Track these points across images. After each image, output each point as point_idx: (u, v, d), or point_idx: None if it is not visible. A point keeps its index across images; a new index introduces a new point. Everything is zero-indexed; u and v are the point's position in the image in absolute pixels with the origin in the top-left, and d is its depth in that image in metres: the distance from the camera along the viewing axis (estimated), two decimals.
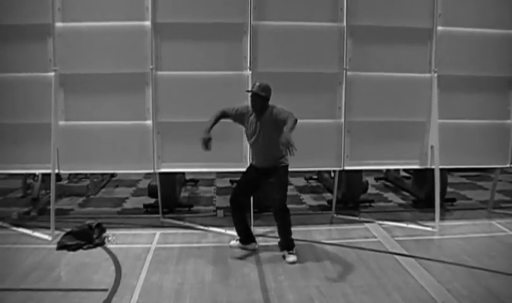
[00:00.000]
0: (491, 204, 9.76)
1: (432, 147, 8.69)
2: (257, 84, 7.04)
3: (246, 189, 7.48)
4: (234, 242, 7.63)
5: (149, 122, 8.33)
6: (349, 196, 10.01)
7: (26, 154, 8.30)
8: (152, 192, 9.76)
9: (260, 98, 6.96)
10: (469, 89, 8.80)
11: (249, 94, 7.10)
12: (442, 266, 6.98)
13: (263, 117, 6.99)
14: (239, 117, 7.22)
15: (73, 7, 8.15)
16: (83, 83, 8.27)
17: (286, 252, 7.16)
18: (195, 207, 10.07)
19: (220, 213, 9.52)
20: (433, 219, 8.66)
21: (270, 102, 7.01)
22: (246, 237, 7.54)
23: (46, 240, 7.96)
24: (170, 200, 9.62)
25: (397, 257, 7.33)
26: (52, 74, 8.12)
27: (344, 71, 8.44)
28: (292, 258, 7.06)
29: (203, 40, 8.29)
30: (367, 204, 10.22)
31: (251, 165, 7.53)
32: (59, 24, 8.09)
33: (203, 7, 8.27)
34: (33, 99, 8.21)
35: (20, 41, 8.09)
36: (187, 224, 8.86)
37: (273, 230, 7.90)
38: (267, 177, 7.12)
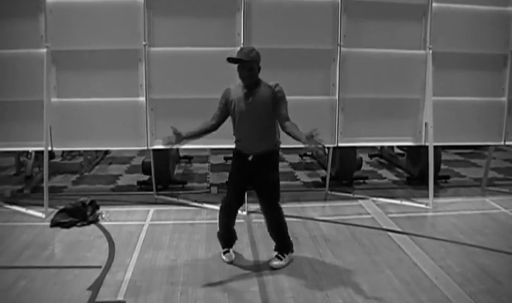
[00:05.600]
0: (485, 182, 9.79)
1: (426, 124, 8.68)
2: (243, 49, 5.99)
3: (239, 192, 6.18)
4: (226, 257, 6.39)
5: (142, 99, 8.27)
6: (343, 173, 10.02)
7: (19, 131, 8.25)
8: (145, 169, 9.75)
9: (252, 64, 5.74)
10: (464, 66, 8.77)
11: (237, 64, 5.80)
12: (436, 243, 7.00)
13: (257, 91, 5.84)
14: (225, 109, 6.00)
15: None
16: (75, 59, 8.19)
17: (273, 254, 6.30)
18: (188, 184, 10.07)
19: (214, 189, 9.54)
20: (426, 197, 8.67)
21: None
22: (230, 240, 6.48)
23: (39, 217, 7.94)
24: (164, 177, 9.61)
25: (390, 234, 7.35)
26: (44, 50, 8.04)
27: (338, 48, 8.39)
28: (276, 263, 6.17)
29: (197, 16, 8.20)
30: (361, 180, 10.23)
31: (238, 153, 6.13)
32: (50, 0, 7.99)
33: None
34: (25, 76, 8.13)
35: (11, 18, 7.98)
36: (181, 201, 8.86)
37: None
38: (259, 167, 5.94)
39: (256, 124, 5.88)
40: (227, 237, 6.43)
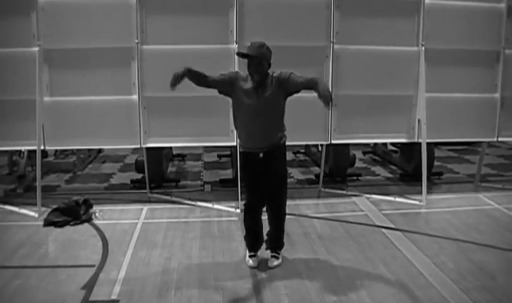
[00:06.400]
0: (478, 178, 9.81)
1: (419, 121, 8.69)
2: (253, 44, 5.77)
3: (258, 191, 6.01)
4: (252, 261, 6.17)
5: (135, 97, 8.25)
6: (337, 170, 10.02)
7: (11, 131, 8.22)
8: (139, 167, 9.74)
9: (259, 60, 5.66)
10: (457, 62, 8.78)
11: (247, 59, 5.72)
12: (429, 240, 7.01)
13: (266, 87, 5.71)
14: (227, 85, 5.82)
15: None
16: (67, 58, 8.15)
17: (270, 253, 6.25)
18: (182, 182, 10.06)
19: (207, 187, 9.54)
20: (420, 193, 8.69)
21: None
22: (256, 244, 6.29)
23: (33, 217, 7.92)
24: (157, 175, 9.59)
25: (384, 230, 7.35)
26: (36, 49, 8.01)
27: (331, 44, 8.39)
28: (276, 262, 6.15)
29: (189, 14, 8.18)
30: (355, 177, 10.25)
31: (245, 154, 6.01)
32: None
33: None
34: (17, 75, 8.09)
35: (3, 16, 7.94)
36: (174, 199, 8.84)
37: None
38: (267, 163, 5.84)
39: (264, 121, 5.75)
40: (253, 240, 6.25)
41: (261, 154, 5.83)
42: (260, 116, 5.71)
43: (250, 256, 6.21)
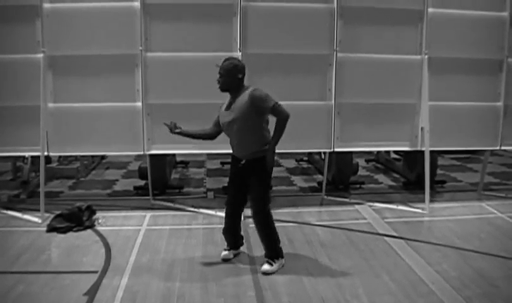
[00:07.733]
0: (481, 186, 9.80)
1: (422, 129, 8.69)
2: (224, 60, 6.11)
3: (237, 193, 6.36)
4: (226, 253, 6.58)
5: (139, 104, 8.27)
6: (340, 178, 10.02)
7: (16, 136, 8.24)
8: (142, 174, 9.75)
9: (221, 71, 6.01)
10: (460, 71, 8.79)
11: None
12: (432, 248, 7.01)
13: (237, 99, 5.99)
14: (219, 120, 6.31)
15: None
16: (72, 64, 8.19)
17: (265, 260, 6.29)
18: (185, 189, 10.07)
19: (210, 194, 9.54)
20: (423, 201, 8.69)
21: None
22: (236, 242, 6.66)
23: (36, 222, 7.94)
24: (160, 182, 9.60)
25: (387, 238, 7.35)
26: (41, 55, 8.05)
27: (335, 53, 8.41)
28: (266, 267, 6.17)
29: (193, 21, 8.22)
30: (357, 185, 10.24)
31: (233, 157, 6.36)
32: (47, 5, 7.99)
33: None
34: (22, 81, 8.12)
35: (8, 23, 7.98)
36: (177, 206, 8.85)
37: None
38: (250, 171, 6.11)
39: (237, 131, 6.04)
40: (226, 236, 6.61)
41: (242, 162, 6.14)
42: (232, 126, 6.04)
43: (224, 249, 6.64)
